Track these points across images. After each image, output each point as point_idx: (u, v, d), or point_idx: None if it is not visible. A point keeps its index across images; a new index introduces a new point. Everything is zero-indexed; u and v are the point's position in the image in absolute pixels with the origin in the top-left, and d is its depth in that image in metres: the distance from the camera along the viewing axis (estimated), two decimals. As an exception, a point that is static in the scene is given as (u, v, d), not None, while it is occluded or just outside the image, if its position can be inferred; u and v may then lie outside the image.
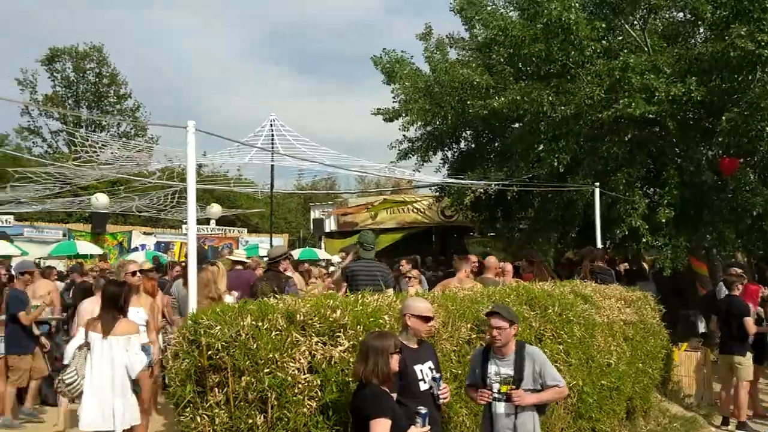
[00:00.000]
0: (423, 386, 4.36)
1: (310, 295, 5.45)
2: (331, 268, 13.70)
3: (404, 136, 17.07)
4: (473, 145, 17.48)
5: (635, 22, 13.07)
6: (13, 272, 11.29)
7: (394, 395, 4.10)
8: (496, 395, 4.77)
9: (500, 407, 4.77)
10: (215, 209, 24.49)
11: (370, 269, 7.61)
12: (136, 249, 20.79)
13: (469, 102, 13.56)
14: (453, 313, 5.46)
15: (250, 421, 4.02)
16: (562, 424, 6.33)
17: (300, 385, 4.09)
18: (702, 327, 12.12)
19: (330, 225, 26.64)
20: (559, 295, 6.82)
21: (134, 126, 35.11)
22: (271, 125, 14.11)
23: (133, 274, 6.99)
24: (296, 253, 18.45)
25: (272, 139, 13.85)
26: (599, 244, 11.10)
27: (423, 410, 4.07)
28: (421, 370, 4.39)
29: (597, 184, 11.52)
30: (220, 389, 4.09)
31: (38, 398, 8.97)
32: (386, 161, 17.34)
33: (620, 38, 13.33)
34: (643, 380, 8.26)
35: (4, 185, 16.40)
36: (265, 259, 9.25)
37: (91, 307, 7.78)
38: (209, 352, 4.08)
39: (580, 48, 12.07)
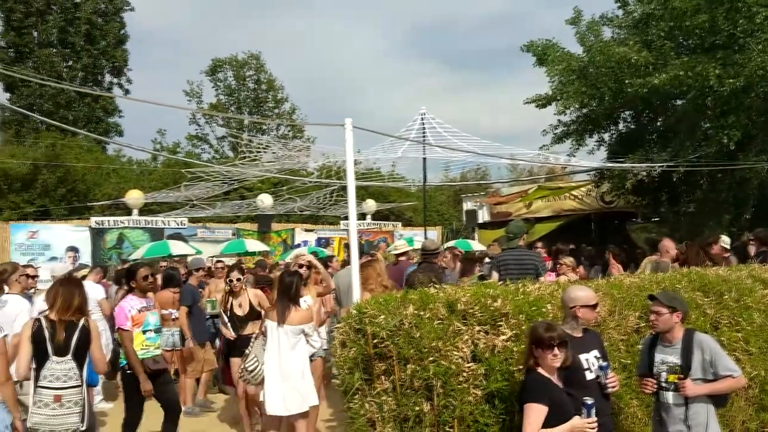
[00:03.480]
0: (589, 375, 4.25)
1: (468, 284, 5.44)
2: (486, 260, 13.63)
3: (559, 120, 16.69)
4: (633, 126, 16.80)
5: (813, -19, 11.99)
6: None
7: (560, 384, 4.02)
8: (663, 384, 4.56)
9: (669, 397, 4.55)
10: (371, 205, 25.08)
11: (520, 258, 7.55)
12: (298, 245, 21.74)
13: (627, 81, 13.07)
14: (620, 301, 5.27)
15: (417, 408, 4.06)
16: (743, 417, 5.94)
17: (464, 374, 4.09)
18: None
19: (483, 216, 26.45)
20: (736, 280, 6.38)
21: (292, 128, 36.57)
22: (422, 119, 14.27)
23: (301, 266, 7.36)
24: (450, 245, 18.46)
25: (423, 132, 13.99)
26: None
27: (589, 401, 3.96)
28: (586, 359, 4.28)
29: (773, 160, 10.73)
30: (387, 377, 4.16)
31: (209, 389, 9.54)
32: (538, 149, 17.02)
33: (796, 0, 12.28)
34: (836, 371, 7.56)
35: (179, 185, 17.73)
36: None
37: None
38: (374, 341, 4.16)
39: (749, 15, 11.30)
